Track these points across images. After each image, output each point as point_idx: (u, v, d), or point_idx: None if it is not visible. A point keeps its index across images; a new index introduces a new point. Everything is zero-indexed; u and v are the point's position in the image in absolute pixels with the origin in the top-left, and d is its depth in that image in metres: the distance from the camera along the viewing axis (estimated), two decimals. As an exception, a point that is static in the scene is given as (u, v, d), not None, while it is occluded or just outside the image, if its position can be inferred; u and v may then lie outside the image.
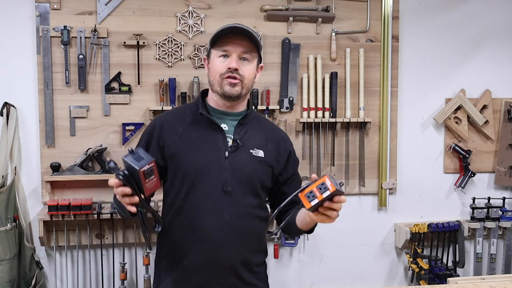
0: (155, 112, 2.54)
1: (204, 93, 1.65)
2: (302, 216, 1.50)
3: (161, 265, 1.64)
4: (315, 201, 1.27)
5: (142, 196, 1.28)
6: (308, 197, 1.28)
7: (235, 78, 1.51)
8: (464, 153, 2.84)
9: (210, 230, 1.52)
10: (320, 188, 1.27)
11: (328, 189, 1.26)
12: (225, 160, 1.54)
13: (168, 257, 1.61)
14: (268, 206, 1.69)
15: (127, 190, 1.25)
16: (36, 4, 2.46)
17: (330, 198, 1.28)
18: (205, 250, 1.53)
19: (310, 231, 1.57)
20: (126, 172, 1.23)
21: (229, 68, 1.50)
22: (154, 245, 1.68)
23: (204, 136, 1.56)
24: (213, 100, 1.60)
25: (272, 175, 1.62)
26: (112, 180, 1.26)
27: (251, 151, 1.57)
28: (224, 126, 1.58)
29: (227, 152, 1.54)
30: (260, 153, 1.59)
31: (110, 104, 2.55)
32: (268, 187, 1.64)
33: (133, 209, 1.29)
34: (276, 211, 1.37)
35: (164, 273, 1.61)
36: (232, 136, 1.57)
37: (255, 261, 1.63)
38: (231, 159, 1.54)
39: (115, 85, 2.55)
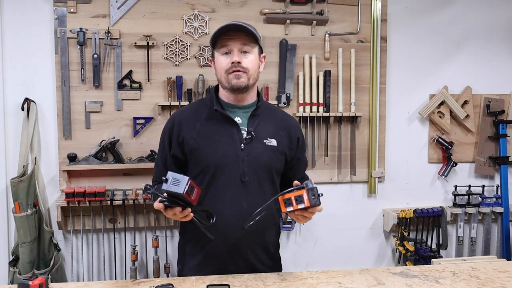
0: (163, 107, 2.62)
1: (217, 88, 1.69)
2: None
3: (185, 248, 1.70)
4: (290, 208, 1.35)
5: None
6: (286, 202, 1.35)
7: (239, 70, 1.55)
8: (447, 145, 2.92)
9: (230, 219, 1.56)
10: (297, 199, 1.33)
11: (303, 203, 1.33)
12: (241, 152, 1.57)
13: (192, 242, 1.66)
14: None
15: (177, 209, 1.34)
16: (54, 8, 2.54)
17: (305, 209, 1.35)
18: (226, 237, 1.57)
19: None
20: (168, 197, 1.33)
21: (233, 63, 1.53)
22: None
23: (220, 131, 1.59)
24: (224, 95, 1.64)
25: (286, 161, 1.66)
26: (157, 204, 1.35)
27: (264, 141, 1.60)
28: (237, 119, 1.61)
29: (242, 144, 1.57)
30: (273, 142, 1.61)
31: (122, 99, 2.63)
32: (281, 172, 1.67)
33: (189, 218, 1.37)
34: (271, 199, 1.40)
35: (189, 256, 1.67)
36: (246, 128, 1.60)
37: (271, 242, 1.69)
38: (247, 151, 1.57)
39: (126, 82, 2.63)
